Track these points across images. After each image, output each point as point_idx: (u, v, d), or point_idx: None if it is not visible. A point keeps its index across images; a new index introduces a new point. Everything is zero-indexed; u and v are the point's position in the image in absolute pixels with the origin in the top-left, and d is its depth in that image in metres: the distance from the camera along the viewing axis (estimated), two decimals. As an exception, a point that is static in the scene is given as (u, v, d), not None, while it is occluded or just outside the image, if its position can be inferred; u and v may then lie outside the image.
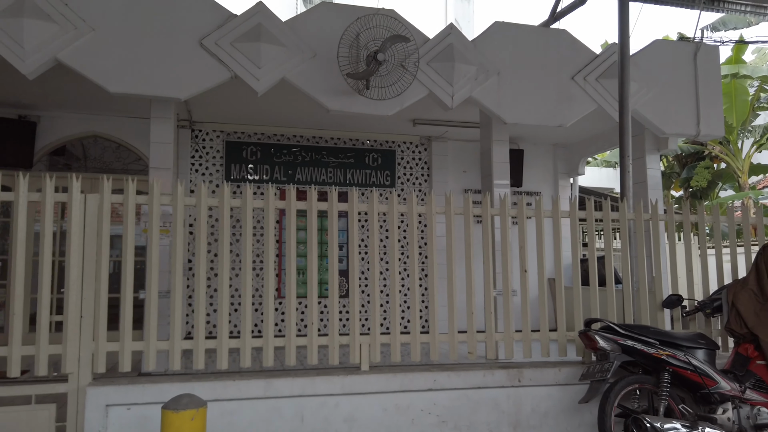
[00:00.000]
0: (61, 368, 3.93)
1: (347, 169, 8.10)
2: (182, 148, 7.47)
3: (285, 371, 4.44)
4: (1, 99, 6.60)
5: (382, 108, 5.29)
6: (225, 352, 4.17)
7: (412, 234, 4.40)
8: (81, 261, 3.94)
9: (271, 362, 4.27)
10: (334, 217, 4.45)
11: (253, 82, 4.99)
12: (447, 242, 4.62)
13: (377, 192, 4.31)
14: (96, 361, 3.99)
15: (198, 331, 4.13)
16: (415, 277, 4.57)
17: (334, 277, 4.41)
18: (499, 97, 5.65)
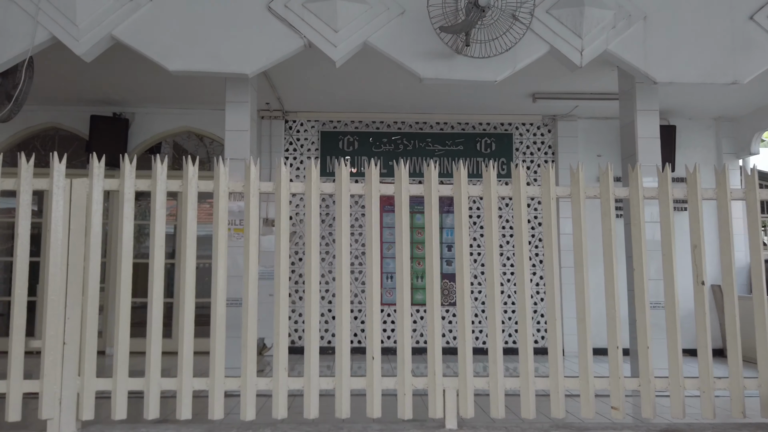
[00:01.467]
0: (38, 412, 2.93)
1: (455, 157, 7.06)
2: (275, 141, 6.90)
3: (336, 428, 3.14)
4: (97, 96, 6.44)
5: (487, 72, 4.20)
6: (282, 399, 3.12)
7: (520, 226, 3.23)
8: (64, 268, 3.02)
9: (314, 413, 3.07)
10: (463, 203, 3.20)
11: (329, 49, 4.15)
12: (575, 237, 3.19)
13: (492, 167, 3.19)
14: (82, 403, 2.95)
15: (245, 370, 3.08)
16: (525, 289, 3.42)
17: (433, 284, 3.28)
18: (645, 49, 4.30)
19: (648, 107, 4.93)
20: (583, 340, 3.15)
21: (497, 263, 3.13)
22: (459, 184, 3.22)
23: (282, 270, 3.09)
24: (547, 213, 3.09)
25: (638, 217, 3.24)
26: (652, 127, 4.94)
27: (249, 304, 3.06)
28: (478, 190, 3.19)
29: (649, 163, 4.93)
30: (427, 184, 3.32)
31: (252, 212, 3.10)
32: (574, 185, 3.16)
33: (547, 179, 3.09)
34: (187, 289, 3.04)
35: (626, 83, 5.08)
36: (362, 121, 7.04)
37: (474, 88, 6.02)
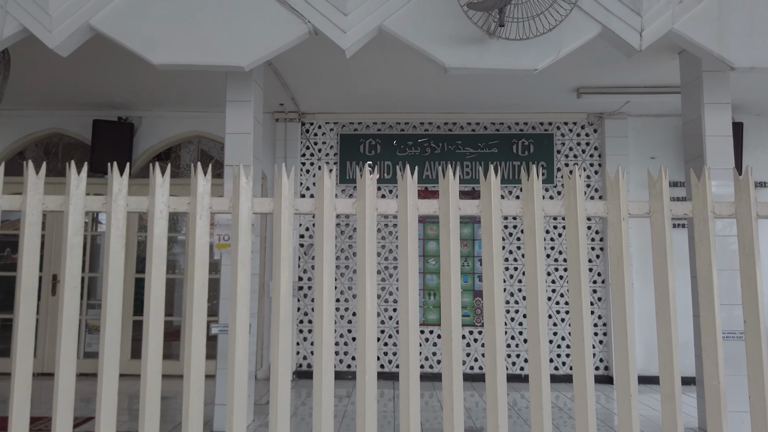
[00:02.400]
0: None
1: (489, 161, 6.35)
2: (291, 145, 6.33)
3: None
4: (101, 100, 5.99)
5: (526, 59, 3.51)
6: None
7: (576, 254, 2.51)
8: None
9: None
10: (494, 227, 2.58)
11: (337, 36, 3.54)
12: (658, 270, 2.56)
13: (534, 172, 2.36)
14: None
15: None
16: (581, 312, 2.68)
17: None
18: (720, 29, 3.55)
19: (717, 100, 4.18)
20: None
21: (543, 305, 2.35)
22: (488, 199, 2.31)
23: (283, 295, 2.37)
24: (616, 235, 2.19)
25: (706, 233, 2.47)
26: (722, 123, 4.19)
27: (237, 336, 2.36)
28: (516, 207, 2.32)
29: (720, 165, 4.17)
30: (443, 198, 2.35)
31: (242, 235, 2.42)
32: (656, 200, 2.24)
33: (615, 193, 2.30)
34: (152, 318, 2.38)
35: (691, 72, 4.32)
36: (385, 123, 6.41)
37: (510, 82, 5.34)
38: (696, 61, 4.20)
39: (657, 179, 2.20)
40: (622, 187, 2.19)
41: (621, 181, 2.19)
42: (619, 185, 2.20)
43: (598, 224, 6.27)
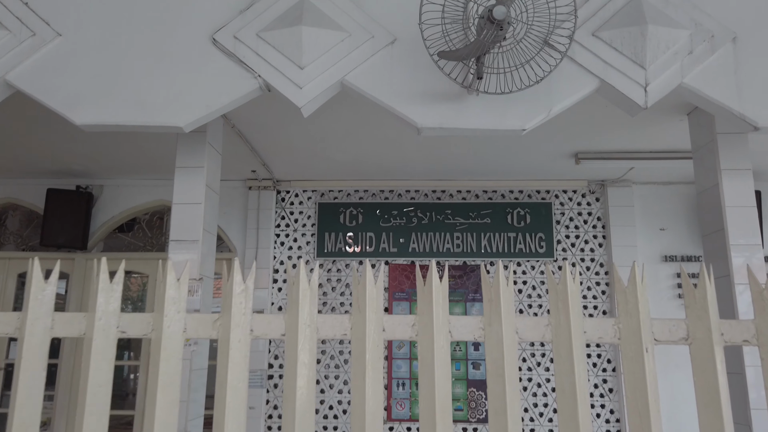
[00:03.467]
0: None
1: (482, 233, 5.77)
2: (264, 215, 5.78)
3: None
4: (58, 167, 5.51)
5: (512, 117, 2.99)
6: None
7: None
8: None
9: None
10: (507, 352, 1.84)
11: (292, 93, 3.04)
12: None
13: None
14: None
15: None
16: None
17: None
18: (738, 82, 3.04)
19: (736, 165, 3.63)
20: None
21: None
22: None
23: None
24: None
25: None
26: (744, 191, 3.62)
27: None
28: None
29: (745, 240, 3.57)
30: (424, 319, 1.31)
31: (165, 364, 1.65)
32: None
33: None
34: None
35: (703, 135, 3.80)
36: (368, 190, 5.88)
37: (501, 146, 4.84)
38: (708, 121, 3.68)
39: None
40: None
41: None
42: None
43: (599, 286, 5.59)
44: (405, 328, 1.18)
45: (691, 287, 1.37)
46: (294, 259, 5.77)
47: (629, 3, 3.03)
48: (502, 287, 1.19)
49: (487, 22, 2.57)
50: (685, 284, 1.38)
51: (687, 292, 1.37)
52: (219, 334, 1.22)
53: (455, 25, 2.63)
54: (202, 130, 3.73)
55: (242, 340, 1.21)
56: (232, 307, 1.20)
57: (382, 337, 1.15)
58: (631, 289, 1.28)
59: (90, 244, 5.72)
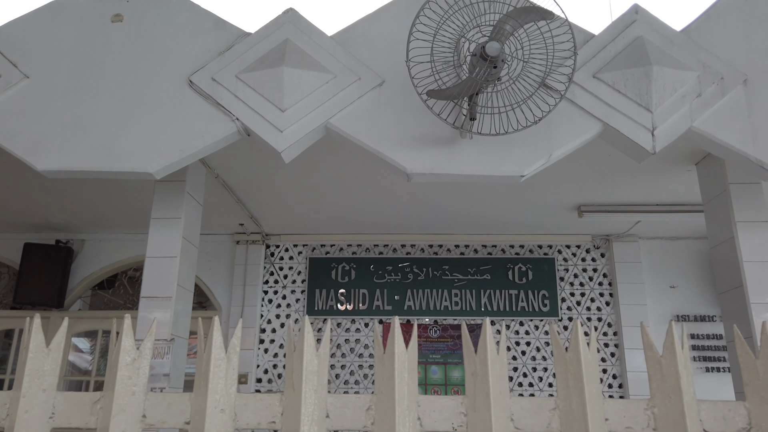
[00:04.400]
0: None
1: (481, 290, 5.45)
2: (252, 271, 5.49)
3: None
4: (37, 221, 5.27)
5: (508, 164, 2.76)
6: None
7: None
8: None
9: None
10: None
11: (272, 137, 2.82)
12: None
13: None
14: None
15: None
16: None
17: None
18: (753, 126, 2.82)
19: (752, 217, 3.38)
20: None
21: None
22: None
23: None
24: None
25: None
26: (762, 244, 3.35)
27: None
28: (543, 418, 0.97)
29: (764, 299, 3.27)
30: (383, 400, 0.97)
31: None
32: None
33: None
34: None
35: (714, 185, 3.57)
36: (361, 245, 5.61)
37: (498, 197, 4.60)
38: (719, 171, 3.46)
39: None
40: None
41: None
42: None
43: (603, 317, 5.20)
44: (357, 413, 0.86)
45: (750, 355, 1.06)
46: (282, 318, 5.44)
47: (632, 44, 2.86)
48: (490, 355, 0.87)
49: (479, 59, 2.37)
50: (740, 350, 1.07)
51: (745, 361, 1.06)
52: (98, 421, 0.88)
53: (446, 62, 2.44)
54: (180, 179, 3.51)
55: (129, 431, 0.87)
56: (116, 383, 0.87)
57: (325, 426, 0.83)
58: (668, 358, 0.97)
59: (67, 302, 5.40)
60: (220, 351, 0.87)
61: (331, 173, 4.15)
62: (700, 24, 2.95)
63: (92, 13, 3.02)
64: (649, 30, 2.90)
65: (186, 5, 3.04)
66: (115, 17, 2.96)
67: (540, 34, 2.42)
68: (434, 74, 2.41)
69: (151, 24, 3.00)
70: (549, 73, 2.39)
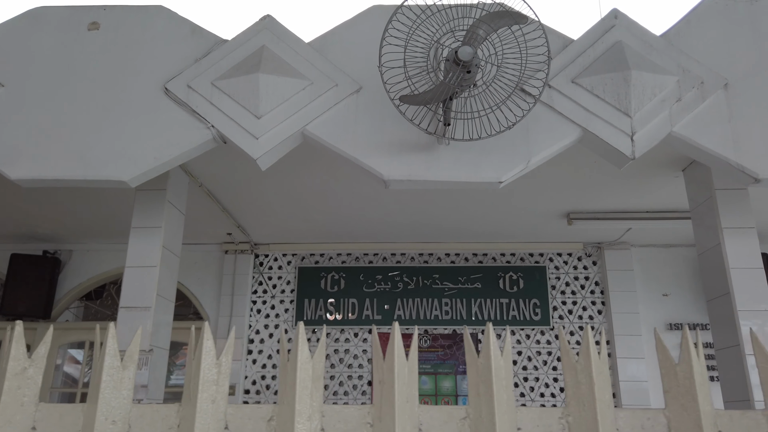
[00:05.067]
0: None
1: (472, 298, 5.40)
2: (240, 281, 5.44)
3: None
4: (24, 231, 5.24)
5: (486, 170, 2.72)
6: None
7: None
8: None
9: None
10: None
11: (247, 144, 2.80)
12: None
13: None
14: None
15: None
16: None
17: None
18: (734, 131, 2.79)
19: (739, 223, 3.34)
20: None
21: None
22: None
23: None
24: None
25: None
26: (749, 251, 3.31)
27: None
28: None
29: (753, 306, 3.22)
30: (284, 411, 0.92)
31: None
32: None
33: (690, 392, 1.09)
34: None
35: (700, 191, 3.53)
36: (351, 254, 5.57)
37: (488, 205, 4.56)
38: (705, 177, 3.42)
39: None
40: (700, 378, 0.98)
41: (696, 364, 0.96)
42: (693, 380, 0.95)
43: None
44: (258, 424, 0.77)
45: (671, 360, 1.02)
46: (271, 328, 5.39)
47: (610, 48, 2.84)
48: (398, 362, 0.81)
49: (452, 64, 2.34)
50: (661, 356, 1.03)
51: (665, 368, 1.01)
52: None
53: (419, 68, 2.41)
54: (161, 187, 3.48)
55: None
56: (2, 393, 0.80)
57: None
58: (583, 364, 0.92)
59: (54, 313, 5.36)
60: (113, 360, 0.83)
61: (317, 181, 4.11)
62: (680, 28, 2.92)
63: (69, 21, 3.01)
64: (628, 35, 2.87)
65: (163, 13, 3.03)
66: (91, 25, 2.94)
67: (514, 39, 2.39)
68: (407, 79, 2.38)
69: (128, 32, 2.99)
70: (522, 77, 2.36)
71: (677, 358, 1.11)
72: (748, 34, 2.90)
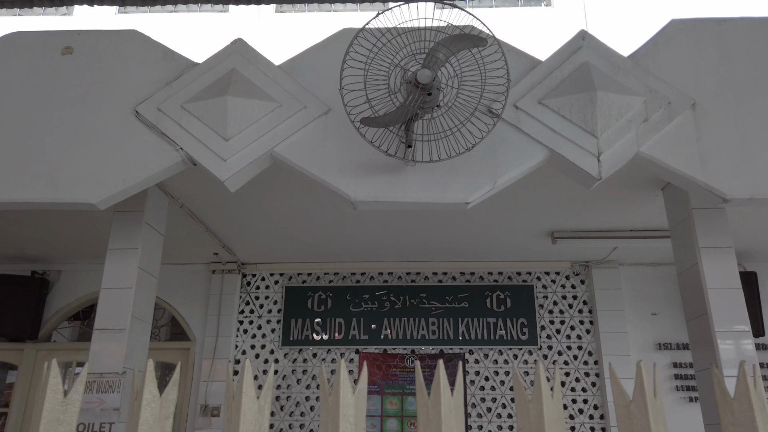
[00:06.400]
0: None
1: (459, 318, 5.36)
2: (227, 301, 5.44)
3: None
4: (11, 252, 5.27)
5: (453, 191, 2.72)
6: None
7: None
8: None
9: None
10: None
11: (215, 166, 2.81)
12: None
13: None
14: None
15: None
16: None
17: None
18: (702, 152, 2.78)
19: (716, 243, 3.31)
20: None
21: None
22: None
23: None
24: None
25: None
26: (727, 271, 3.28)
27: None
28: None
29: (730, 326, 3.19)
30: None
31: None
32: None
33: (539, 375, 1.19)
34: None
35: (678, 210, 3.51)
36: (338, 273, 5.55)
37: (473, 224, 4.56)
38: (683, 196, 3.40)
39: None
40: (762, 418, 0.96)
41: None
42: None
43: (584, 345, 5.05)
44: None
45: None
46: (257, 348, 5.36)
47: (577, 70, 2.85)
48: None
49: (413, 87, 2.36)
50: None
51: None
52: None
53: (381, 91, 2.43)
54: (138, 209, 3.50)
55: None
56: None
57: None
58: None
59: (41, 334, 5.37)
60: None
61: (300, 201, 4.12)
62: (648, 49, 2.93)
63: (44, 46, 3.06)
64: (595, 56, 2.88)
65: (136, 37, 3.07)
66: (65, 50, 2.99)
67: (475, 62, 2.40)
68: (367, 101, 2.39)
69: (101, 56, 3.03)
70: (482, 99, 2.37)
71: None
72: (715, 55, 2.91)
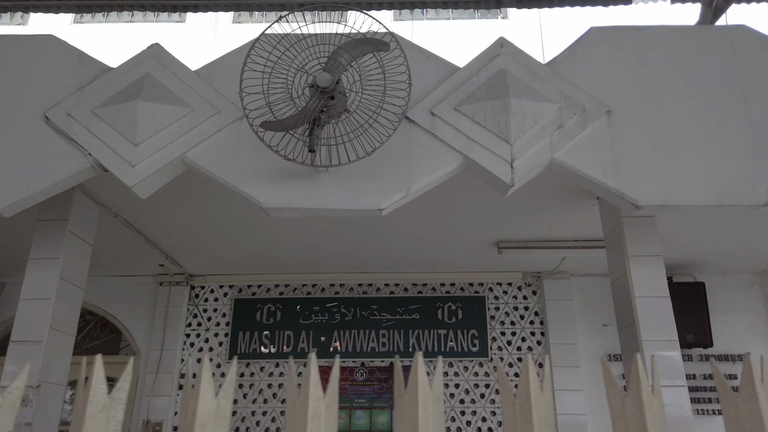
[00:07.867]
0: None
1: (410, 330, 5.29)
2: (173, 313, 5.34)
3: None
4: (-47, 262, 5.15)
5: (365, 197, 2.68)
6: None
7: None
8: None
9: None
10: None
11: (123, 172, 2.75)
12: None
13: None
14: None
15: None
16: None
17: None
18: (615, 159, 2.76)
19: (644, 251, 3.29)
20: None
21: None
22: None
23: None
24: None
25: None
26: (654, 280, 3.25)
27: None
28: None
29: (656, 335, 3.15)
30: None
31: None
32: None
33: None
34: None
35: (610, 220, 3.50)
36: (288, 285, 5.48)
37: (419, 234, 4.51)
38: (613, 206, 3.38)
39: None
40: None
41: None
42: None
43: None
44: None
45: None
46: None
47: (494, 77, 2.83)
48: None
49: (315, 91, 2.32)
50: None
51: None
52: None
53: (281, 94, 2.39)
54: (62, 218, 3.42)
55: None
56: None
57: None
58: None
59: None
60: None
61: (235, 212, 4.05)
62: (566, 56, 2.93)
63: (-43, 50, 2.99)
64: (513, 63, 2.87)
65: (52, 42, 3.02)
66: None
67: (379, 67, 2.37)
68: (267, 105, 2.35)
69: (15, 60, 2.97)
70: (383, 102, 2.34)
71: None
72: (633, 62, 2.90)
